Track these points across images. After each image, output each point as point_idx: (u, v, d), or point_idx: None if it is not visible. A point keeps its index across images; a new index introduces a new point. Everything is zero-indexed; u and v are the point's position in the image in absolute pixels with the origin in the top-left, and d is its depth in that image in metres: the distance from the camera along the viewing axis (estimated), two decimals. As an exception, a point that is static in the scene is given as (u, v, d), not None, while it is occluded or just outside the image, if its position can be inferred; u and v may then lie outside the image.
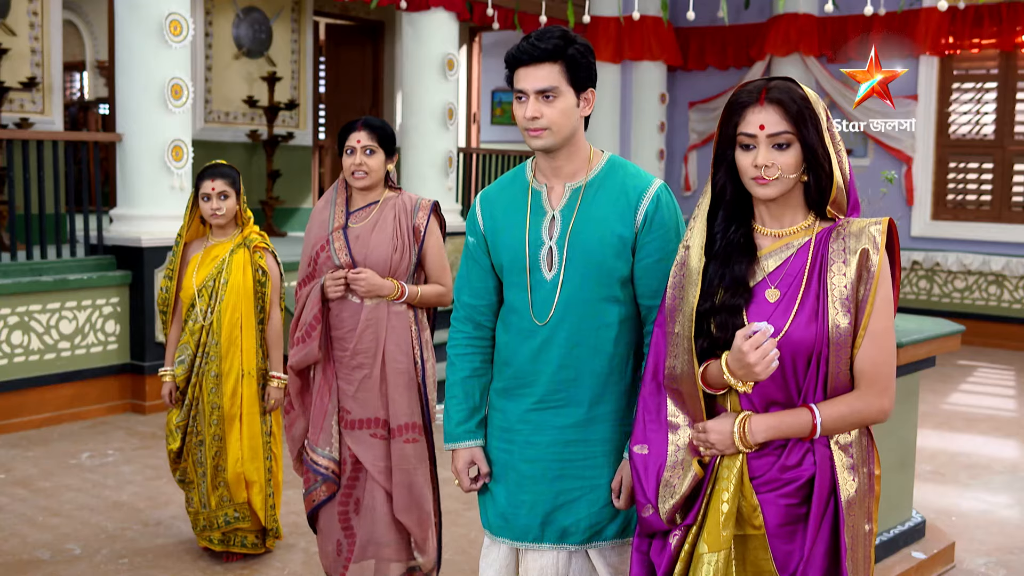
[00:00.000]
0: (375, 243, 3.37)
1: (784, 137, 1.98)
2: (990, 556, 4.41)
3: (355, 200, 3.46)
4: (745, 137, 2.01)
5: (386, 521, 3.40)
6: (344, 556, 3.44)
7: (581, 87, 2.32)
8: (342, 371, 3.41)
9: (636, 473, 2.14)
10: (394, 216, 3.41)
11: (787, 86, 2.00)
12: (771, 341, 1.93)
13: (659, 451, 2.10)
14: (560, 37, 2.28)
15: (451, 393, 2.52)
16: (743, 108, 2.01)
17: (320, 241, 3.41)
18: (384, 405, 3.38)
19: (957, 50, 9.75)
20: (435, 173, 8.49)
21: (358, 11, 10.94)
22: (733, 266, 2.05)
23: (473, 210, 2.51)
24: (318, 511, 3.49)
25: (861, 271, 1.97)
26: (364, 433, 3.38)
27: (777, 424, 1.99)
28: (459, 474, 2.50)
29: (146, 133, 6.45)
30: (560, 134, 2.31)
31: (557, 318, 2.35)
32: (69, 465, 5.44)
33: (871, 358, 1.97)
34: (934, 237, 9.99)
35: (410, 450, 3.37)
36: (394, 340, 3.38)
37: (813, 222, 2.05)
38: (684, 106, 11.52)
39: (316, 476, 3.43)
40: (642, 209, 2.33)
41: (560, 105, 2.28)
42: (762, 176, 1.99)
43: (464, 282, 2.53)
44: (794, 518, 2.00)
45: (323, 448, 3.40)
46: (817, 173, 2.00)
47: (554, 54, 2.26)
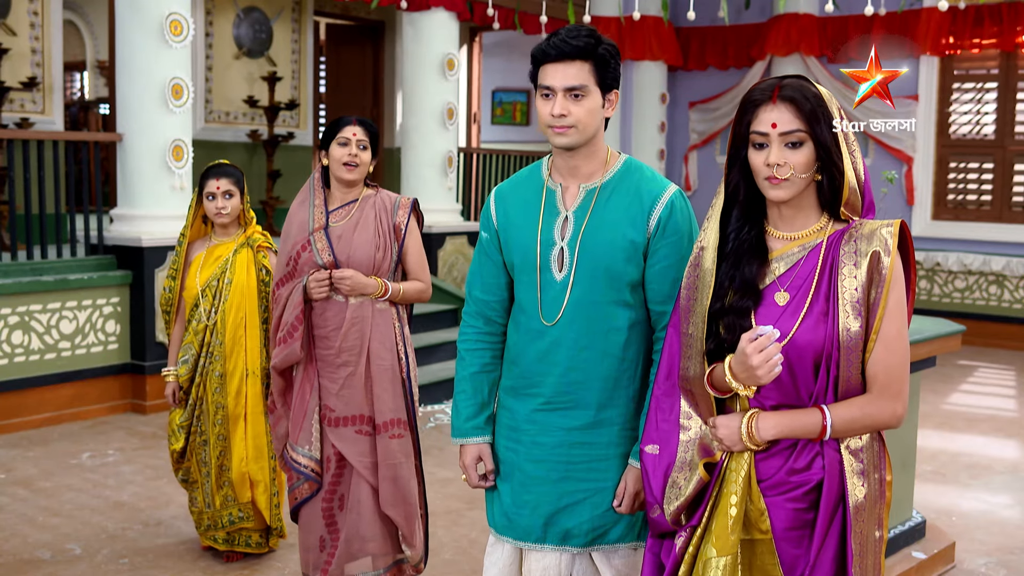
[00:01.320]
0: (358, 242, 3.39)
1: (797, 135, 1.96)
2: (990, 556, 4.41)
3: (334, 198, 3.48)
4: (758, 136, 1.99)
5: (371, 516, 3.43)
6: (328, 552, 3.46)
7: (608, 87, 2.31)
8: (325, 369, 3.42)
9: (646, 472, 2.13)
10: (375, 215, 3.44)
11: (800, 84, 1.99)
12: (775, 345, 1.91)
13: (670, 451, 2.09)
14: (590, 35, 2.27)
15: (460, 388, 2.52)
16: (756, 106, 1.99)
17: (301, 241, 3.41)
18: (369, 402, 3.41)
19: (957, 50, 9.75)
20: (435, 173, 8.49)
21: (358, 11, 10.94)
22: (743, 268, 2.04)
23: (487, 206, 2.50)
24: (300, 508, 3.50)
25: (872, 274, 1.94)
26: (349, 430, 3.40)
27: (787, 422, 1.97)
28: (467, 470, 2.51)
29: (146, 133, 6.45)
30: (585, 133, 2.30)
31: (566, 320, 2.34)
32: (69, 465, 5.44)
33: (883, 362, 1.94)
34: (934, 237, 9.99)
35: (396, 445, 3.40)
36: (378, 337, 3.40)
37: (826, 224, 2.03)
38: (684, 106, 11.52)
39: (298, 474, 3.44)
40: (655, 215, 2.32)
41: (588, 104, 2.27)
42: (775, 175, 1.97)
43: (476, 277, 2.52)
44: (802, 523, 1.98)
45: (303, 447, 3.42)
46: (831, 173, 1.98)
47: (585, 52, 2.25)
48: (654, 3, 10.26)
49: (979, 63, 9.84)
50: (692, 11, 8.04)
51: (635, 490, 2.33)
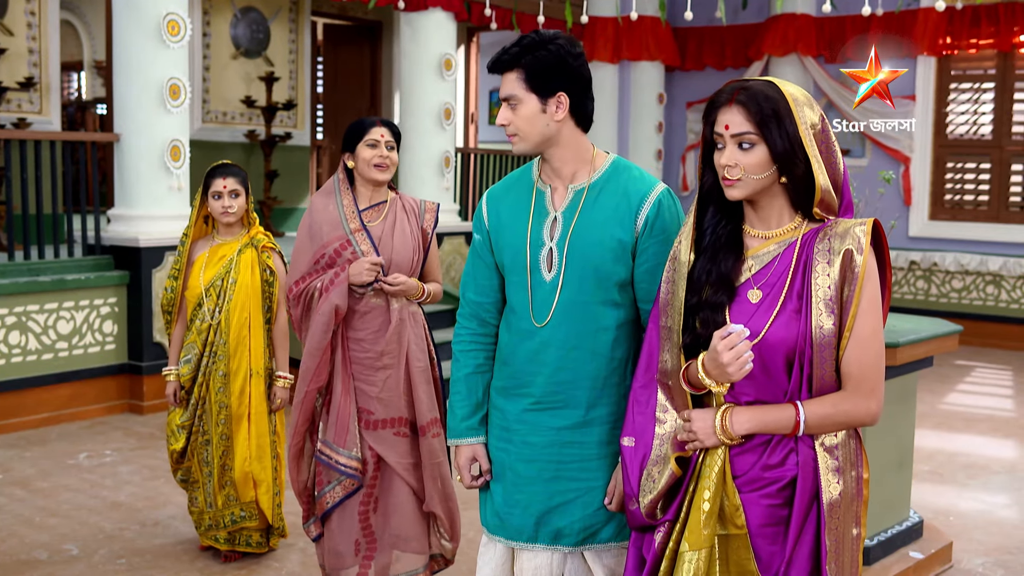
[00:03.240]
0: (399, 245, 3.43)
1: (747, 138, 1.98)
2: (988, 556, 4.41)
3: (361, 197, 3.48)
4: (717, 136, 2.03)
5: (412, 516, 3.48)
6: (363, 555, 3.47)
7: (547, 92, 2.32)
8: (363, 372, 3.42)
9: (624, 465, 2.14)
10: (407, 218, 3.49)
11: (760, 88, 2.00)
12: (746, 343, 1.93)
13: (645, 443, 2.11)
14: (522, 45, 2.32)
15: (455, 389, 2.54)
16: (716, 108, 2.03)
17: (339, 240, 3.40)
18: (408, 403, 3.44)
19: (955, 50, 9.76)
20: (432, 173, 8.49)
21: (356, 11, 10.94)
22: (719, 262, 2.06)
23: (480, 207, 2.52)
24: (333, 511, 3.49)
25: (845, 272, 1.95)
26: (388, 432, 3.43)
27: (760, 417, 1.98)
28: (460, 470, 2.53)
29: (144, 133, 6.44)
30: (529, 139, 2.35)
31: (556, 320, 2.35)
32: (67, 465, 5.43)
33: (857, 360, 1.96)
34: (931, 237, 10.00)
35: (437, 444, 3.45)
36: (414, 340, 3.45)
37: (801, 223, 2.05)
38: (682, 106, 11.53)
39: (331, 477, 3.43)
40: (643, 214, 2.33)
41: (522, 112, 2.32)
42: (726, 176, 2.00)
43: (470, 279, 2.54)
44: (776, 519, 1.99)
45: (350, 449, 3.41)
46: (792, 174, 1.99)
47: (511, 63, 2.32)
48: (651, 3, 10.27)
49: (976, 63, 9.85)
50: (689, 11, 8.04)
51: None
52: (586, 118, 2.39)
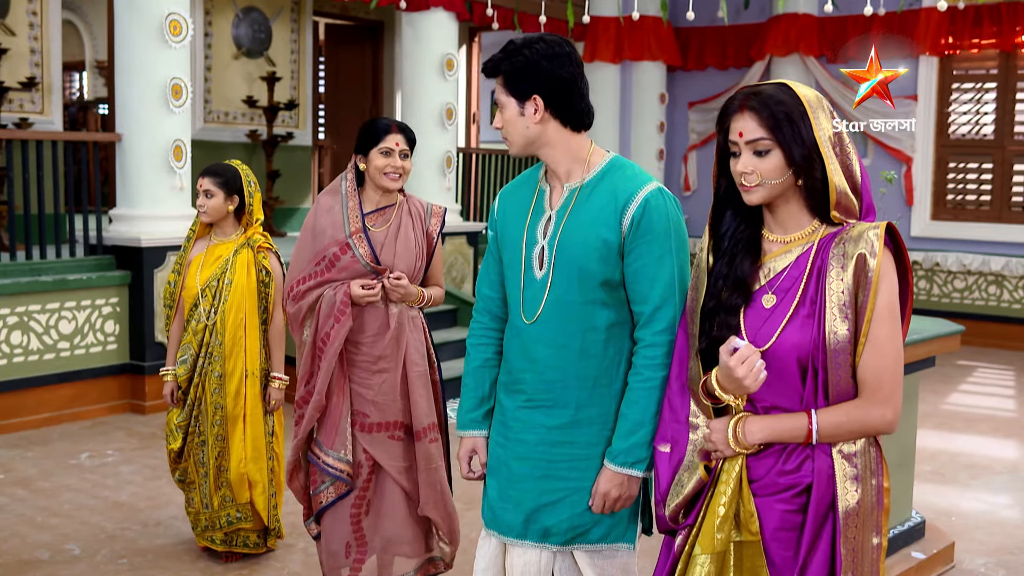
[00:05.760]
0: (401, 250, 3.40)
1: (762, 143, 1.97)
2: (990, 556, 4.41)
3: (368, 200, 3.45)
4: (732, 144, 2.02)
5: (405, 519, 3.46)
6: (353, 558, 3.46)
7: (522, 95, 2.35)
8: (359, 375, 3.40)
9: (656, 470, 2.14)
10: (411, 222, 3.47)
11: (772, 92, 1.99)
12: (757, 353, 1.91)
13: (680, 450, 2.10)
14: (505, 51, 2.38)
15: (464, 382, 2.60)
16: (728, 115, 2.03)
17: (338, 243, 3.36)
18: (404, 408, 3.42)
19: (957, 50, 9.75)
20: (433, 173, 8.49)
21: (358, 11, 10.94)
22: (736, 265, 2.05)
23: (493, 205, 2.58)
24: (325, 512, 3.49)
25: (859, 277, 1.93)
26: (382, 435, 3.42)
27: (772, 425, 1.97)
28: (460, 461, 2.59)
29: (146, 133, 6.45)
30: (514, 141, 2.40)
31: (544, 318, 2.37)
32: (68, 465, 5.44)
33: (872, 366, 1.93)
34: (934, 237, 9.99)
35: (434, 449, 3.44)
36: (413, 344, 3.43)
37: (818, 227, 2.03)
38: (684, 106, 11.52)
39: (324, 477, 3.43)
40: (629, 214, 2.31)
41: (505, 115, 2.40)
42: (743, 183, 2.00)
43: (484, 274, 2.59)
44: (791, 525, 1.97)
45: (339, 451, 3.40)
46: (809, 177, 1.98)
47: (495, 70, 2.39)
48: (653, 3, 10.26)
49: (978, 63, 9.84)
50: (691, 11, 8.04)
51: (605, 490, 2.33)
52: (574, 118, 2.38)
